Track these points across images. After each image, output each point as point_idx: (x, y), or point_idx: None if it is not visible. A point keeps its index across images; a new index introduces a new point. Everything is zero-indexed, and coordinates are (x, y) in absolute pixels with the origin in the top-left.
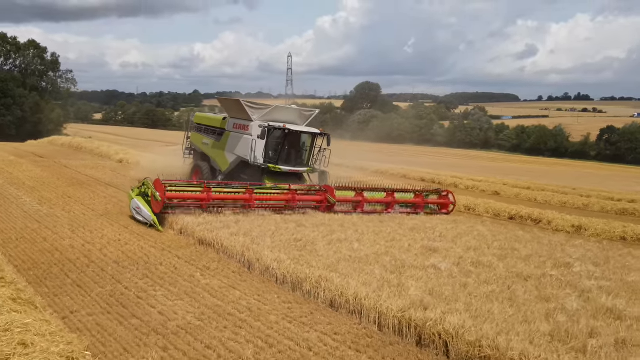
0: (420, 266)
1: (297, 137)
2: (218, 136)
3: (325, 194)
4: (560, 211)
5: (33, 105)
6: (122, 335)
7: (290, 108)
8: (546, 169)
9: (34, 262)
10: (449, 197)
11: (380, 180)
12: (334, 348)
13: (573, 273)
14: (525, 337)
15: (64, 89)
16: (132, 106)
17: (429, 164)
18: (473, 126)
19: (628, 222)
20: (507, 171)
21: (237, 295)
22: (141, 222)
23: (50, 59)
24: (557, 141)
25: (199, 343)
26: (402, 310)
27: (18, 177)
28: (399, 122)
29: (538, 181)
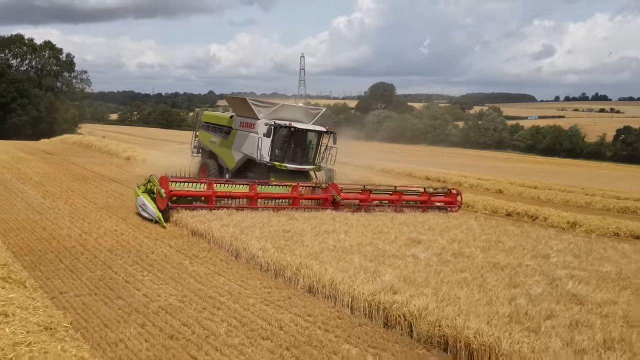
0: (400, 255)
1: (303, 135)
2: (225, 134)
3: (330, 192)
4: (563, 209)
5: (48, 105)
6: (105, 314)
7: (296, 106)
8: (559, 170)
9: (31, 249)
10: (456, 195)
11: (385, 179)
12: (304, 327)
13: (549, 263)
14: (484, 319)
15: (79, 89)
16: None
17: (439, 164)
18: (487, 126)
19: (628, 220)
20: (518, 171)
21: (221, 281)
22: (147, 219)
23: (65, 60)
24: (573, 142)
25: (176, 321)
26: (373, 294)
27: (26, 172)
28: (413, 123)
29: (548, 181)
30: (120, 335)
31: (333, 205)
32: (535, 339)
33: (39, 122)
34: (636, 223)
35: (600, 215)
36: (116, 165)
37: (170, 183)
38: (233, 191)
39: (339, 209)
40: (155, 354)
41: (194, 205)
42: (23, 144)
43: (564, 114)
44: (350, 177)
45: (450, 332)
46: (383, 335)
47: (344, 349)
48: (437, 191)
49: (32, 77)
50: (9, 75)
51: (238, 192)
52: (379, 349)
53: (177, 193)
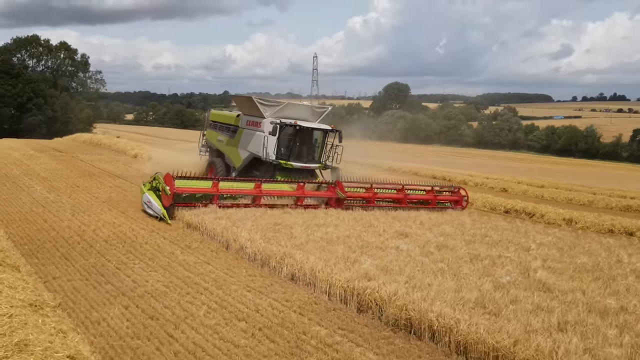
0: (383, 247)
1: (309, 133)
2: (232, 133)
3: (334, 189)
4: (566, 207)
5: (63, 105)
6: (93, 296)
7: (302, 105)
8: (574, 170)
9: (31, 239)
10: (462, 193)
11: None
12: (280, 311)
13: (528, 255)
14: (450, 303)
15: (93, 89)
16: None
17: (449, 164)
18: (501, 127)
19: (626, 217)
20: (529, 171)
21: (209, 269)
22: (152, 216)
23: (80, 60)
24: (588, 142)
25: (159, 304)
26: (348, 281)
27: (34, 168)
28: (427, 123)
29: (559, 181)
30: (104, 315)
31: (338, 203)
32: (494, 321)
33: (54, 122)
34: (632, 220)
35: (603, 214)
36: (123, 163)
37: (175, 181)
38: (237, 189)
39: (343, 207)
40: (134, 331)
41: (200, 204)
42: (35, 142)
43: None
44: (355, 176)
45: (415, 315)
46: (355, 319)
47: (314, 330)
48: (443, 189)
49: (48, 77)
50: (25, 75)
51: (242, 190)
52: (347, 331)
53: (182, 190)
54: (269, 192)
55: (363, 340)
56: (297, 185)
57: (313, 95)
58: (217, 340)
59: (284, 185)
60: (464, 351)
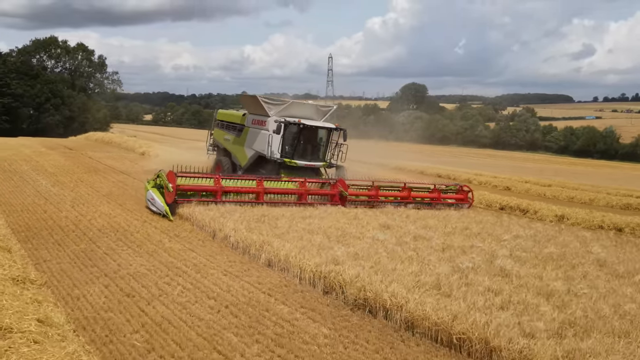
0: (361, 237)
1: (313, 132)
2: (238, 132)
3: (337, 187)
4: (565, 205)
5: (81, 105)
6: (77, 277)
7: (307, 104)
8: (589, 171)
9: (28, 226)
10: (467, 192)
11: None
12: (249, 292)
13: (499, 245)
14: (406, 286)
15: (110, 89)
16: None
17: (460, 164)
18: (519, 127)
19: (626, 215)
20: (542, 172)
21: (192, 255)
22: (155, 212)
23: (98, 61)
24: (607, 143)
25: (138, 284)
26: (318, 265)
27: (42, 164)
28: (444, 124)
29: (567, 180)
30: (84, 292)
31: (340, 201)
32: (442, 301)
33: (71, 122)
34: (622, 217)
35: (602, 211)
36: (130, 160)
37: (177, 178)
38: (239, 186)
39: (346, 205)
40: (109, 305)
41: (202, 199)
42: (47, 140)
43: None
44: (361, 174)
45: (371, 295)
46: (319, 299)
47: (277, 308)
48: (448, 188)
49: (66, 78)
50: (44, 76)
51: (244, 188)
52: (308, 309)
53: (185, 187)
54: (271, 190)
55: (321, 318)
56: (299, 183)
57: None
58: (184, 315)
59: (287, 183)
60: (411, 327)
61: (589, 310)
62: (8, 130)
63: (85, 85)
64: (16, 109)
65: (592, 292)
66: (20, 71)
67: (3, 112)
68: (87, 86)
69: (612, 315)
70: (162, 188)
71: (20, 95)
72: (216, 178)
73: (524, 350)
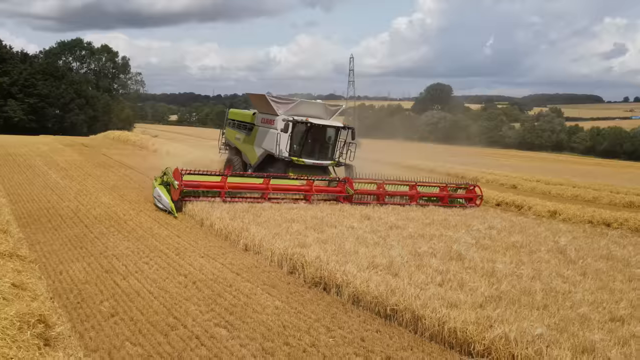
0: (337, 225)
1: (321, 130)
2: (248, 131)
3: (344, 185)
4: (568, 202)
5: (104, 105)
6: (65, 256)
7: (315, 103)
8: (613, 171)
9: (30, 213)
10: (475, 190)
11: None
12: (219, 271)
13: (466, 233)
14: (360, 266)
15: (133, 90)
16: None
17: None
18: (544, 128)
19: (624, 212)
20: (560, 172)
21: (177, 240)
22: (161, 209)
23: (121, 62)
24: (634, 144)
25: (119, 262)
26: (286, 248)
27: (56, 160)
28: (467, 124)
29: (581, 180)
30: (68, 268)
31: (346, 199)
32: (388, 279)
33: (95, 121)
34: (612, 213)
35: (606, 209)
36: (141, 156)
37: (183, 175)
38: (245, 183)
39: (352, 203)
40: (87, 279)
41: (207, 198)
42: (66, 138)
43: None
44: (372, 173)
45: (326, 274)
46: (282, 278)
47: (241, 284)
48: (458, 187)
49: (90, 79)
50: (69, 77)
51: (249, 185)
52: (269, 286)
53: (190, 185)
54: (277, 188)
55: (278, 293)
56: (306, 181)
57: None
58: (153, 288)
59: (294, 181)
60: (357, 301)
61: (518, 287)
62: (34, 129)
63: (109, 86)
64: (42, 108)
65: (532, 273)
66: (46, 72)
67: (29, 111)
68: (111, 87)
69: (538, 292)
70: (169, 185)
71: (46, 96)
72: (222, 176)
73: (443, 318)
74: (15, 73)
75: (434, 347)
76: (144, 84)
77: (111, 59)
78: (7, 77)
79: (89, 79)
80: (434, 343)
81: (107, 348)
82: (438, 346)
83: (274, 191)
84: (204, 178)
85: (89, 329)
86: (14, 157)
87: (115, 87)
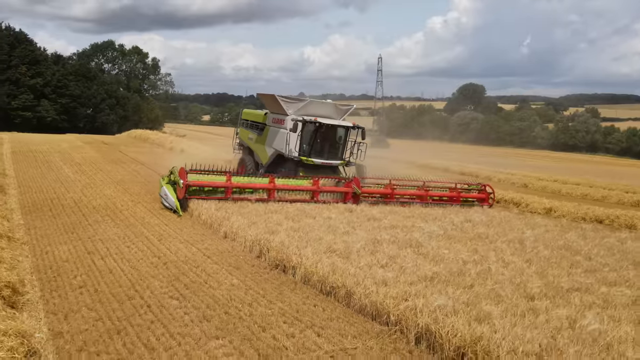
0: (315, 216)
1: (331, 130)
2: (260, 131)
3: (351, 185)
4: (574, 201)
5: (134, 105)
6: (55, 239)
7: (325, 102)
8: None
9: (35, 203)
10: (487, 190)
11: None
12: (193, 254)
13: (436, 225)
14: (316, 250)
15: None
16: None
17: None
18: (578, 128)
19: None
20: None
21: (164, 228)
22: (167, 208)
23: (151, 64)
24: None
25: (102, 245)
26: (257, 234)
27: (73, 156)
28: (499, 125)
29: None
30: (54, 249)
31: (354, 199)
32: (337, 261)
33: (125, 121)
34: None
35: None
36: (155, 154)
37: (188, 174)
38: (250, 183)
39: (359, 203)
40: (68, 258)
41: (212, 197)
42: (89, 136)
43: None
44: (386, 172)
45: (285, 257)
46: (249, 261)
47: (208, 266)
48: (470, 187)
49: (121, 79)
50: (100, 78)
51: (254, 184)
52: (234, 267)
53: (195, 183)
54: (282, 187)
55: (239, 273)
56: (313, 181)
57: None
58: (126, 267)
59: (302, 181)
60: (307, 281)
61: (454, 270)
62: (66, 129)
63: (140, 87)
64: (74, 108)
65: (478, 259)
66: (78, 73)
67: (62, 111)
68: (141, 87)
69: (472, 274)
70: (176, 184)
71: (78, 96)
72: (228, 175)
73: (370, 294)
74: (49, 74)
75: (359, 318)
76: (173, 85)
77: (141, 60)
78: (41, 78)
79: (120, 80)
80: (360, 315)
81: (65, 312)
82: (362, 317)
83: (279, 190)
84: (209, 178)
85: (56, 297)
86: (35, 154)
87: (145, 87)
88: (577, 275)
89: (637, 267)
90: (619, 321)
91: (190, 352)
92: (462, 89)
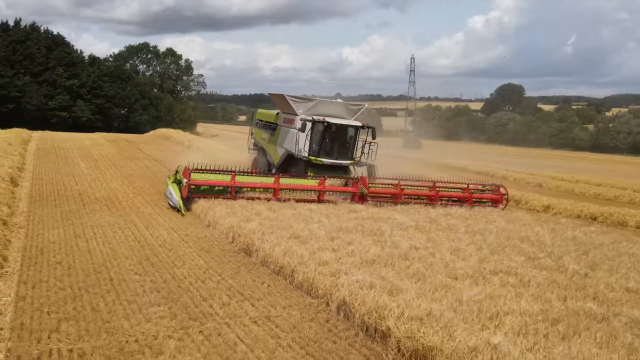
0: (298, 207)
1: (341, 130)
2: (272, 131)
3: (358, 185)
4: (586, 201)
5: (167, 106)
6: (50, 224)
7: (335, 102)
8: None
9: (42, 193)
10: (501, 191)
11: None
12: (172, 239)
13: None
14: (280, 236)
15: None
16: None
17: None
18: (619, 129)
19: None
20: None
21: (155, 218)
22: (172, 207)
23: (185, 65)
24: None
25: (91, 231)
26: (233, 223)
27: (91, 153)
28: (537, 125)
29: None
30: (47, 232)
31: (360, 199)
32: (294, 245)
33: (158, 121)
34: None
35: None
36: (173, 152)
37: (191, 174)
38: (254, 182)
39: (365, 204)
40: (56, 240)
41: (216, 196)
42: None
43: None
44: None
45: (249, 241)
46: (221, 246)
47: (180, 248)
48: (485, 188)
49: (155, 80)
50: (134, 79)
51: (258, 183)
52: (204, 251)
53: (197, 183)
54: (287, 186)
55: (207, 255)
56: (319, 180)
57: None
58: (105, 248)
59: (308, 180)
60: (265, 263)
61: (399, 255)
62: (100, 128)
63: (173, 87)
64: (108, 109)
65: (428, 245)
66: (113, 75)
67: (97, 111)
68: (174, 88)
69: (415, 258)
70: (181, 183)
71: (113, 97)
72: (232, 174)
73: (309, 272)
74: (84, 75)
75: (295, 293)
76: (205, 85)
77: (175, 61)
78: (77, 80)
79: (154, 81)
80: (298, 290)
81: (34, 282)
82: (299, 292)
83: (284, 189)
84: (213, 177)
85: (32, 271)
86: (57, 150)
87: (178, 88)
88: (513, 262)
89: (580, 255)
90: (521, 297)
91: (130, 315)
92: (500, 89)
